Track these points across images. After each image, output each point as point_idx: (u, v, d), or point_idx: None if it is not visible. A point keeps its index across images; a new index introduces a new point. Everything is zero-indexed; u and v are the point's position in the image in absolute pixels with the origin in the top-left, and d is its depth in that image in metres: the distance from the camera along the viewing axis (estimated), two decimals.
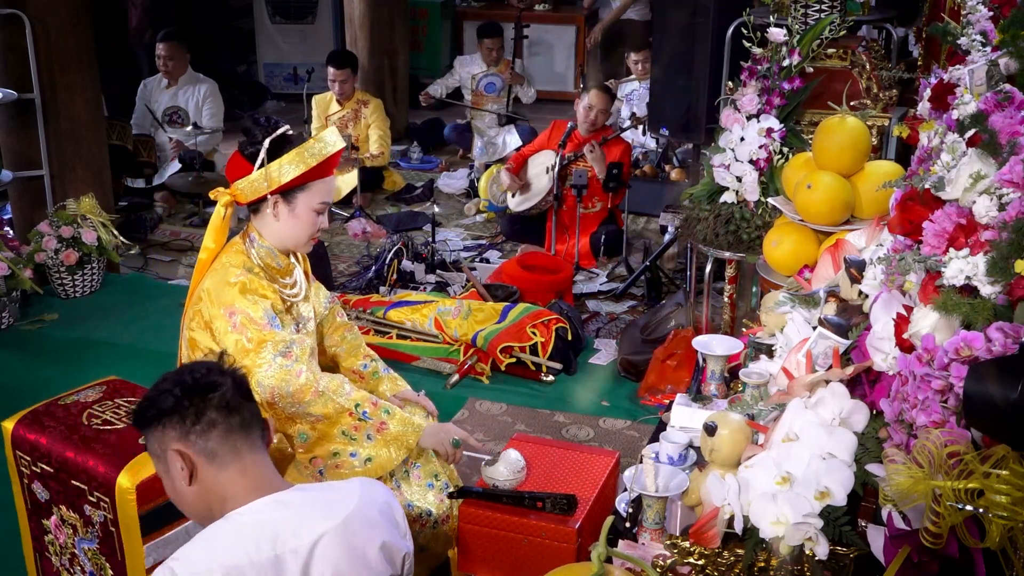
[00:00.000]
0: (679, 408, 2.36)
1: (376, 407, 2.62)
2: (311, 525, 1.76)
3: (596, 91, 5.67)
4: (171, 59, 6.53)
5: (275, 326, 2.53)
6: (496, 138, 7.17)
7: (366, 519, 1.84)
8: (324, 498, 1.84)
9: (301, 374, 2.52)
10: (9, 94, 4.72)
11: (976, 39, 2.23)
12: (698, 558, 1.77)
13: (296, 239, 2.66)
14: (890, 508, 1.59)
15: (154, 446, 1.84)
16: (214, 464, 1.79)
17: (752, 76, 3.61)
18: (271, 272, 2.65)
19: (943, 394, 1.52)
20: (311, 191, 2.60)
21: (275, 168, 2.53)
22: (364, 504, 1.85)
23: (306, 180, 2.58)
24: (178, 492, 1.84)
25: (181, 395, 1.80)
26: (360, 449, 2.61)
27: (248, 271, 2.58)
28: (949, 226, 1.68)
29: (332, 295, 3.01)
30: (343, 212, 6.31)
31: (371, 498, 1.88)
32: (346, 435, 2.61)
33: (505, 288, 4.75)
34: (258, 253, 2.64)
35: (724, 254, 3.69)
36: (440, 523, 2.72)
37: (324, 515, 1.78)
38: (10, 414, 2.62)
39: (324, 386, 2.55)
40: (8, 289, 4.57)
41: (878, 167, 3.09)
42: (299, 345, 2.56)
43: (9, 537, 2.88)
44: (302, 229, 2.64)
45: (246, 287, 2.54)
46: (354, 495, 1.86)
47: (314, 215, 2.63)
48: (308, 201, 2.61)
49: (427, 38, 9.30)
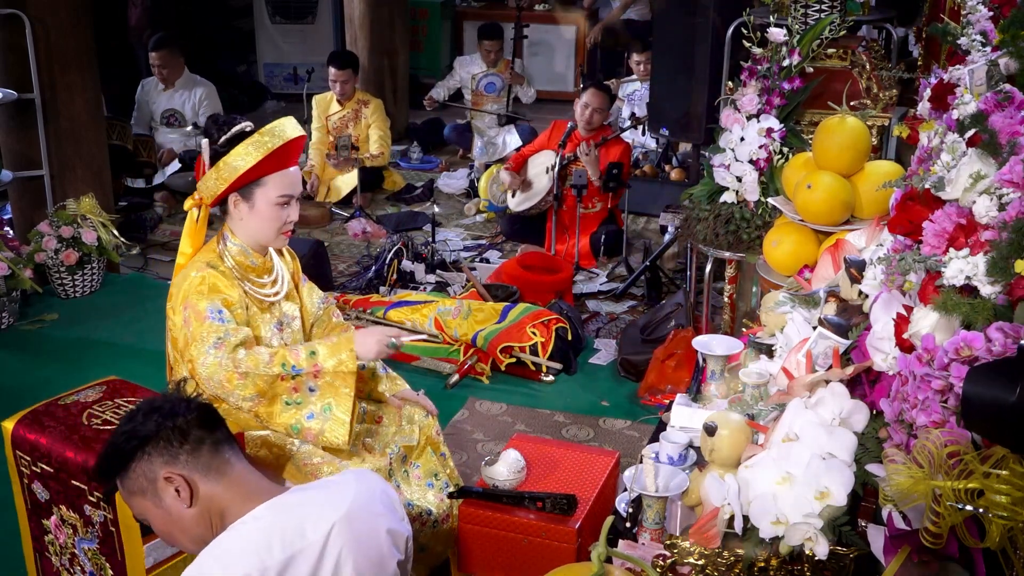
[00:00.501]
0: (679, 408, 2.36)
1: (299, 355, 2.54)
2: (318, 522, 1.75)
3: (593, 90, 5.67)
4: (164, 67, 6.55)
5: (215, 319, 2.51)
6: (496, 138, 7.18)
7: (368, 509, 1.83)
8: (324, 495, 1.83)
9: (222, 363, 2.48)
10: (9, 94, 4.72)
11: (976, 39, 2.23)
12: (698, 558, 1.77)
13: (264, 235, 2.63)
14: (890, 508, 1.59)
15: (138, 481, 1.80)
16: (210, 478, 1.79)
17: (752, 76, 3.61)
18: (245, 271, 2.64)
19: (943, 394, 1.52)
20: (267, 185, 2.57)
21: (225, 163, 2.52)
22: (363, 494, 1.84)
23: (261, 173, 2.55)
24: (175, 521, 1.80)
25: (161, 419, 1.79)
26: (310, 407, 2.54)
27: (211, 267, 2.57)
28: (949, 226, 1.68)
29: (326, 296, 2.99)
30: (343, 212, 6.31)
31: (368, 487, 1.88)
32: (290, 403, 2.54)
33: (505, 288, 4.75)
34: (231, 252, 2.63)
35: (724, 254, 3.69)
36: (440, 522, 2.72)
37: (328, 509, 1.78)
38: (10, 414, 2.62)
39: (245, 367, 2.49)
40: (8, 289, 4.56)
41: (878, 167, 3.09)
42: (234, 335, 2.52)
43: (9, 537, 2.88)
44: (267, 224, 2.61)
45: (203, 281, 2.54)
46: (351, 487, 1.85)
47: (276, 209, 2.60)
48: (266, 195, 2.58)
49: (427, 38, 9.30)
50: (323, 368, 2.54)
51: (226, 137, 2.55)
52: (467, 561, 2.56)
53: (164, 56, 6.53)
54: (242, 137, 2.55)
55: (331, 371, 2.54)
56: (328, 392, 2.55)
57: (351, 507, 1.79)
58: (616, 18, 8.72)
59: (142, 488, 1.80)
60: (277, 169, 2.57)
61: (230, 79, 8.89)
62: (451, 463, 2.89)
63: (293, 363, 2.53)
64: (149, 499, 1.80)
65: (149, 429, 1.78)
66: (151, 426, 1.78)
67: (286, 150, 2.56)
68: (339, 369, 2.55)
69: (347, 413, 2.54)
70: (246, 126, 2.58)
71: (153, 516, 1.82)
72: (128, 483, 1.81)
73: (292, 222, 2.65)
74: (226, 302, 2.55)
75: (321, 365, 2.54)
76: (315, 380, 2.55)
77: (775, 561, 1.72)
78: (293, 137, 2.56)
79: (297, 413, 2.54)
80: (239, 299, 2.59)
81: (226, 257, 2.63)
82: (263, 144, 2.52)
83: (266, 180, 2.57)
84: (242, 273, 2.64)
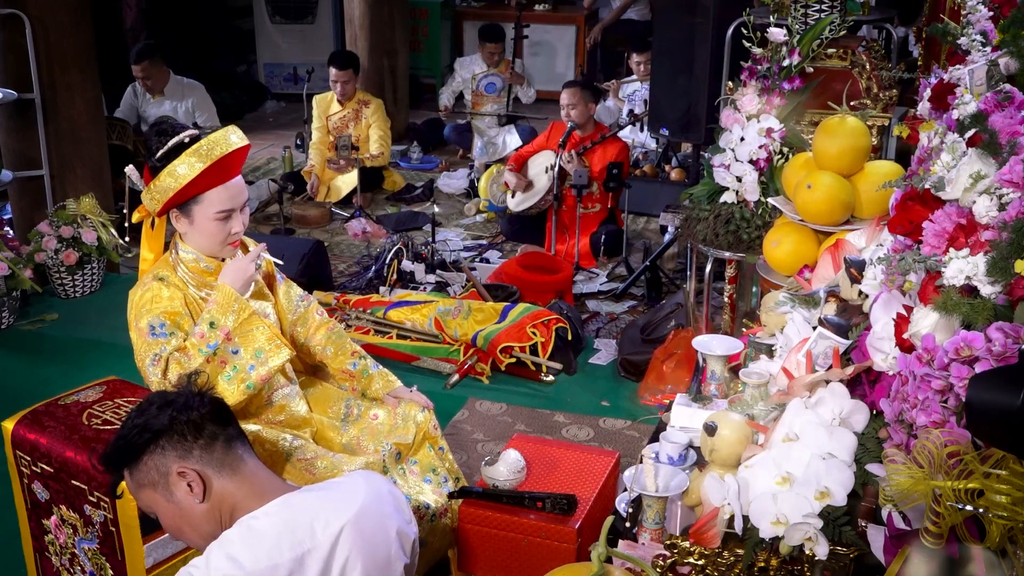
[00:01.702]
0: (679, 408, 2.36)
1: (204, 334, 2.47)
2: (328, 522, 1.74)
3: (566, 89, 5.68)
4: (148, 78, 6.50)
5: (154, 335, 2.49)
6: (496, 138, 7.18)
7: (379, 511, 1.83)
8: (334, 495, 1.82)
9: (159, 380, 2.45)
10: (9, 94, 4.72)
11: (976, 39, 2.23)
12: (698, 558, 1.77)
13: (210, 248, 2.59)
14: (890, 508, 1.59)
15: (149, 475, 1.79)
16: (223, 474, 1.78)
17: (752, 76, 3.61)
18: (201, 275, 2.61)
19: (943, 394, 1.52)
20: (204, 202, 2.50)
21: (157, 182, 2.46)
22: (372, 495, 1.84)
23: (198, 190, 2.47)
24: (185, 515, 1.79)
25: (176, 413, 1.78)
26: (246, 361, 2.49)
27: (160, 280, 2.54)
28: (949, 226, 1.68)
29: (306, 294, 2.94)
30: (343, 212, 6.31)
31: (376, 489, 1.87)
32: (230, 376, 2.49)
33: (505, 288, 4.75)
34: (184, 261, 2.60)
35: (724, 254, 3.69)
36: (439, 516, 2.72)
37: (338, 511, 1.77)
38: (10, 414, 2.62)
39: (174, 377, 2.44)
40: (8, 289, 4.57)
41: (878, 167, 3.09)
42: (167, 347, 2.48)
43: (9, 537, 2.88)
44: (209, 239, 2.56)
45: (144, 296, 2.52)
46: (360, 488, 1.85)
47: (217, 224, 2.53)
48: (204, 212, 2.51)
49: (427, 38, 9.30)
50: (230, 329, 2.50)
51: (162, 152, 2.48)
52: (467, 561, 2.56)
53: (146, 68, 6.46)
54: (180, 150, 2.46)
55: (236, 325, 2.50)
56: (249, 340, 2.51)
57: (361, 508, 1.79)
58: (616, 18, 8.72)
59: (153, 481, 1.79)
60: (215, 184, 2.49)
61: (230, 79, 8.89)
62: (450, 456, 2.89)
63: (207, 343, 2.48)
64: (160, 492, 1.79)
65: (163, 422, 1.78)
66: (165, 419, 1.78)
67: (226, 163, 2.48)
68: (241, 318, 2.50)
69: (272, 340, 2.50)
70: (185, 137, 2.48)
71: (162, 510, 1.81)
72: (138, 475, 1.80)
73: (237, 234, 2.59)
74: (167, 313, 2.51)
75: (227, 327, 2.49)
76: (231, 343, 2.50)
77: (775, 561, 1.72)
78: (232, 150, 2.47)
79: (240, 376, 2.50)
80: (182, 308, 2.54)
81: (179, 267, 2.60)
82: (197, 160, 2.44)
83: (203, 197, 2.50)
84: (198, 280, 2.60)
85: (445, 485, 2.75)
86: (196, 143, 2.46)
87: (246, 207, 2.62)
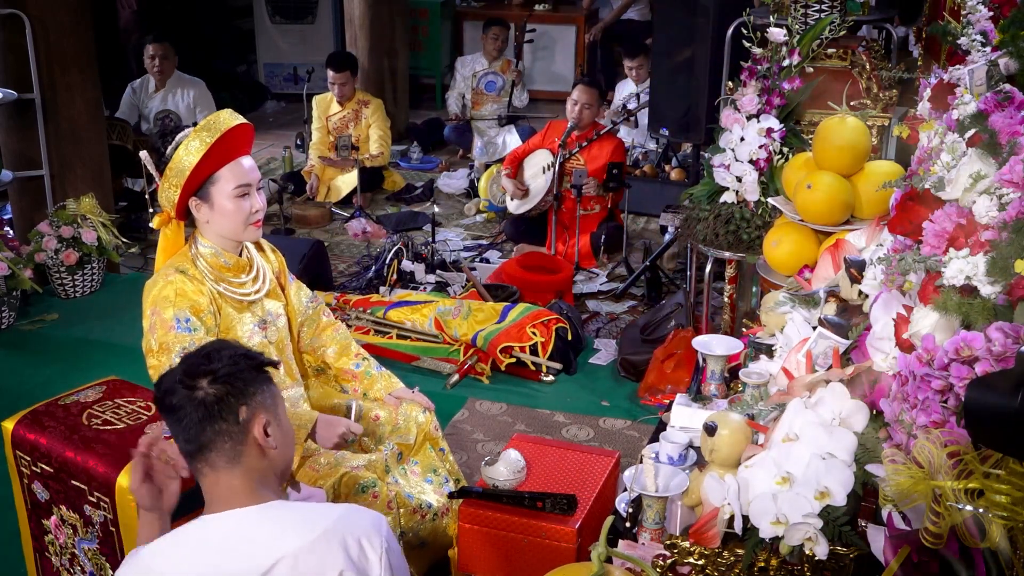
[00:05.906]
0: (679, 408, 2.36)
1: None
2: (271, 548, 1.67)
3: (581, 86, 5.66)
4: (164, 58, 6.55)
5: (181, 329, 2.50)
6: (496, 138, 7.18)
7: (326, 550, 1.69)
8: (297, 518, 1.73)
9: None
10: (9, 94, 4.72)
11: (976, 39, 2.23)
12: (698, 558, 1.77)
13: (233, 231, 2.62)
14: (890, 508, 1.59)
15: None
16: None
17: (752, 76, 3.61)
18: (219, 271, 2.63)
19: (943, 394, 1.52)
20: (220, 180, 2.56)
21: (171, 168, 2.52)
22: (338, 529, 1.71)
23: (211, 169, 2.54)
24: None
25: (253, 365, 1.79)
26: None
27: (181, 272, 2.57)
28: (949, 226, 1.68)
29: (315, 295, 2.97)
30: (343, 212, 6.31)
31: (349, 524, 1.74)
32: None
33: (505, 288, 4.75)
34: (203, 255, 2.63)
35: (724, 254, 3.69)
36: (440, 515, 2.72)
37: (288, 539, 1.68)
38: (10, 414, 2.62)
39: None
40: (8, 289, 4.56)
41: (878, 167, 3.09)
42: (194, 343, 2.47)
43: (9, 537, 2.88)
44: (232, 219, 2.59)
45: (171, 288, 2.54)
46: (331, 518, 1.73)
47: (237, 202, 2.58)
48: (222, 190, 2.56)
49: (427, 38, 9.30)
50: None
51: (171, 148, 2.54)
52: (467, 561, 2.56)
53: (164, 47, 6.53)
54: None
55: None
56: None
57: (308, 543, 1.68)
58: (616, 18, 8.72)
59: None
60: (226, 161, 2.56)
61: (230, 79, 8.88)
62: (451, 457, 2.89)
63: None
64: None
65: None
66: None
67: (230, 140, 2.54)
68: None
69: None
70: (189, 130, 2.56)
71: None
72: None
73: (259, 211, 2.63)
74: (194, 308, 2.53)
75: None
76: None
77: (775, 561, 1.72)
78: (232, 125, 2.54)
79: None
80: (207, 304, 2.57)
81: (198, 261, 2.62)
82: (207, 134, 2.51)
83: (217, 175, 2.56)
84: (216, 275, 2.62)
85: (446, 486, 2.76)
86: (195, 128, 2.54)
87: (261, 190, 2.65)
